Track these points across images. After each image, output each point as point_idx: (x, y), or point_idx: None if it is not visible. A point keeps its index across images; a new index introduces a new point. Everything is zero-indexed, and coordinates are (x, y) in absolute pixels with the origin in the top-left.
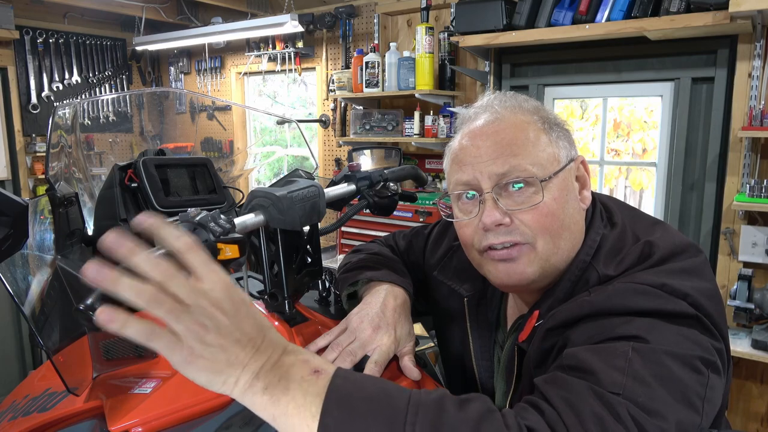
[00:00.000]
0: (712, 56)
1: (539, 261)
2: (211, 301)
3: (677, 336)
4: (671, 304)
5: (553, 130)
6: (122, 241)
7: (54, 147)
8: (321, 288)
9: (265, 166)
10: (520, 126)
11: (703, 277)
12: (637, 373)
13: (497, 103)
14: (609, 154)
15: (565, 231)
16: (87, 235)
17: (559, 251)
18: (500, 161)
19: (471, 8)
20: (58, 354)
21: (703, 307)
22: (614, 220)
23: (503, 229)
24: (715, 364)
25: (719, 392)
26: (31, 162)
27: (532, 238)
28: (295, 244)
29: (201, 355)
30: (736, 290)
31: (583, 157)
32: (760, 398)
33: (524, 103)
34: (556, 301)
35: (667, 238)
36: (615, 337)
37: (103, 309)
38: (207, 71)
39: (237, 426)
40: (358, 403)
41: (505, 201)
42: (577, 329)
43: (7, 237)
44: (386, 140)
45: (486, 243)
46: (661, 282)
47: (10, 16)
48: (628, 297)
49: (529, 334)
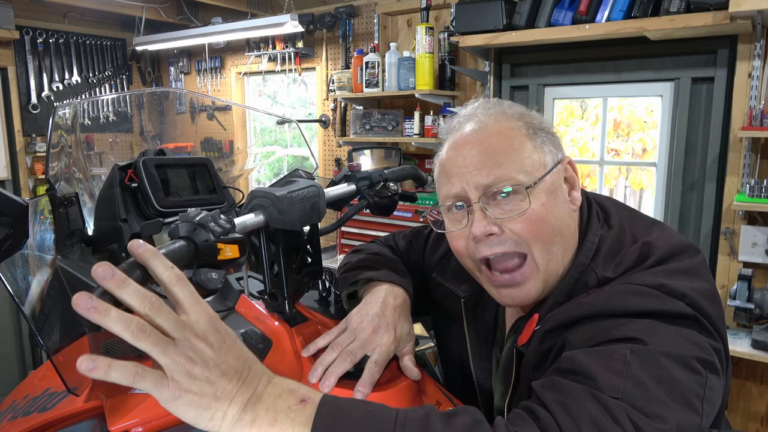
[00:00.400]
0: (712, 56)
1: (541, 275)
2: (196, 334)
3: (675, 336)
4: (669, 305)
5: (538, 135)
6: (111, 273)
7: (54, 147)
8: (321, 288)
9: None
10: (504, 133)
11: (701, 278)
12: (636, 376)
13: (481, 111)
14: (609, 154)
15: (557, 236)
16: (87, 235)
17: (554, 257)
18: (485, 171)
19: (471, 8)
20: (58, 354)
21: (701, 308)
22: (611, 221)
23: (494, 239)
24: (714, 364)
25: (718, 392)
26: (31, 162)
27: (526, 247)
28: (295, 244)
29: (188, 389)
30: (736, 290)
31: (570, 158)
32: (760, 398)
33: (508, 109)
34: (556, 303)
35: (665, 238)
36: (613, 339)
37: (84, 357)
38: (207, 71)
39: None
40: (346, 428)
41: (493, 210)
42: (575, 331)
43: (7, 237)
44: (386, 140)
45: (480, 255)
46: (659, 282)
47: (10, 16)
48: (626, 298)
49: (529, 338)
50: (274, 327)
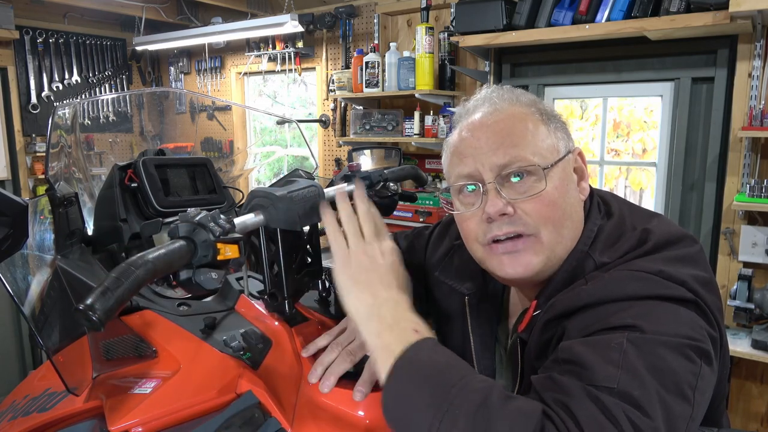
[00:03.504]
0: (712, 56)
1: (545, 251)
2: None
3: (674, 318)
4: (669, 290)
5: (551, 121)
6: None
7: (54, 147)
8: (321, 288)
9: (265, 166)
10: (519, 117)
11: (699, 267)
12: (632, 366)
13: (495, 95)
14: (609, 154)
15: (567, 220)
16: (87, 235)
17: (563, 240)
18: (501, 152)
19: (471, 8)
20: (58, 354)
21: (700, 294)
22: (612, 211)
23: (506, 219)
24: (709, 354)
25: (710, 382)
26: (31, 162)
27: (535, 229)
28: (295, 244)
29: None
30: (736, 290)
31: (580, 149)
32: (760, 398)
33: (521, 96)
34: (554, 290)
35: (663, 227)
36: (610, 327)
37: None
38: (207, 71)
39: (237, 426)
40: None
41: (507, 191)
42: (574, 319)
43: (7, 237)
44: (386, 140)
45: (490, 235)
46: (657, 269)
47: (10, 16)
48: (625, 284)
49: (527, 324)
50: (274, 327)
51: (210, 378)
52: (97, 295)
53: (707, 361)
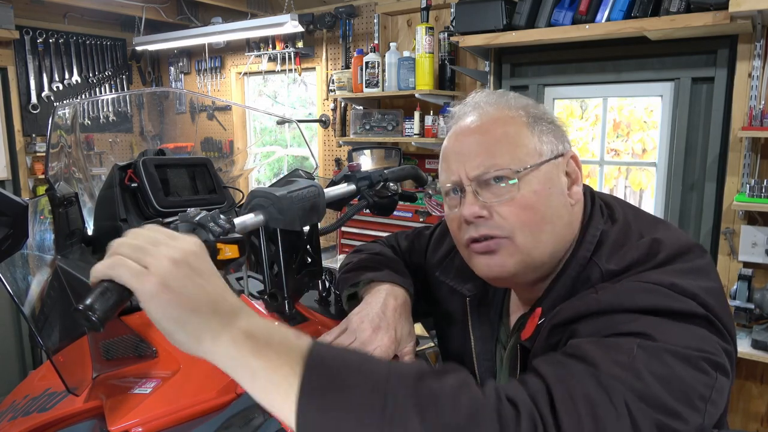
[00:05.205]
0: (712, 56)
1: (520, 254)
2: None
3: (685, 333)
4: (680, 304)
5: (538, 124)
6: None
7: (54, 147)
8: (321, 288)
9: (265, 166)
10: (502, 121)
11: (710, 278)
12: (639, 370)
13: (484, 100)
14: (609, 154)
15: (547, 225)
16: (87, 235)
17: (540, 245)
18: (479, 160)
19: (471, 8)
20: (58, 354)
21: (712, 308)
22: (615, 216)
23: (482, 222)
24: (724, 366)
25: (725, 394)
26: (31, 162)
27: (510, 232)
28: (295, 244)
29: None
30: (736, 290)
31: (574, 153)
32: (760, 398)
33: (512, 100)
34: (559, 297)
35: (673, 237)
36: (621, 333)
37: None
38: (207, 71)
39: (237, 426)
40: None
41: (486, 194)
42: (584, 323)
43: (7, 237)
44: (386, 140)
45: (467, 236)
46: (670, 281)
47: (10, 16)
48: (636, 295)
49: (532, 333)
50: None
51: (210, 378)
52: (96, 295)
53: (723, 372)
